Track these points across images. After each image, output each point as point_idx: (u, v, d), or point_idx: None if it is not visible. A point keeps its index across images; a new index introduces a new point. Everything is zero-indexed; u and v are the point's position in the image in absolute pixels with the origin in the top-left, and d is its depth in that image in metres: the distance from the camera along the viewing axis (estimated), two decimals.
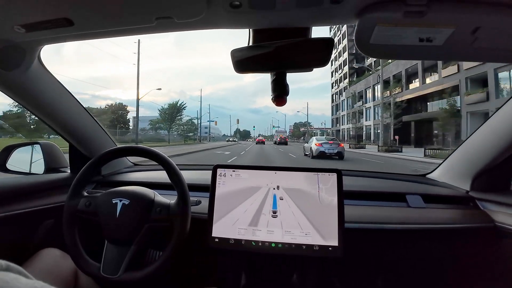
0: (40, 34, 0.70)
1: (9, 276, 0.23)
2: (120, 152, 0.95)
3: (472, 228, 0.97)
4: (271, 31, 0.66)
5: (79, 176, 0.89)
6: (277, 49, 0.66)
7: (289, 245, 0.85)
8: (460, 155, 1.16)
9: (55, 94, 1.02)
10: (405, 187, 1.20)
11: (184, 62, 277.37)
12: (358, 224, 0.97)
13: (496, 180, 1.05)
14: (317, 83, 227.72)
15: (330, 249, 0.83)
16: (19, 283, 0.22)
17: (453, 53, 0.63)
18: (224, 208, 0.90)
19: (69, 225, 0.84)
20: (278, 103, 0.75)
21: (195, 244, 0.92)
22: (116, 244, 0.82)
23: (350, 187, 1.09)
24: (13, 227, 0.91)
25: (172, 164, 0.87)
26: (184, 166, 1.53)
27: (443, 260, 1.09)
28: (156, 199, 0.87)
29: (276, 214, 0.88)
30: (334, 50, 1.40)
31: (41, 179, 1.10)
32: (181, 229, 0.81)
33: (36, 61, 0.88)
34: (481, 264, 1.03)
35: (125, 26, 0.66)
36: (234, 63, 0.71)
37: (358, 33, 0.57)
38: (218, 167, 0.94)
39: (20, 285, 0.22)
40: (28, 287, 0.22)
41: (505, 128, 0.93)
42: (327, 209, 0.86)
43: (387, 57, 0.70)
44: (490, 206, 1.02)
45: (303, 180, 0.90)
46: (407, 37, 0.56)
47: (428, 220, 1.00)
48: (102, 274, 0.79)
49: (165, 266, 0.80)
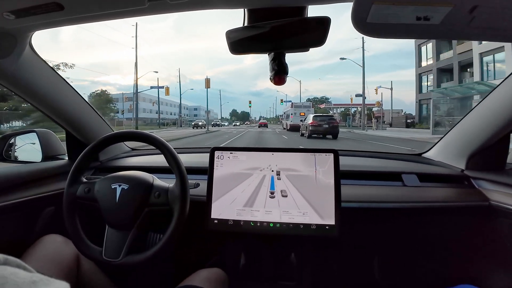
0: (30, 20, 0.68)
1: (7, 271, 0.22)
2: (117, 137, 0.95)
3: (467, 206, 0.99)
4: (267, 11, 0.65)
5: (77, 162, 0.89)
6: (273, 29, 0.65)
7: (287, 225, 0.87)
8: (456, 134, 1.16)
9: (48, 81, 1.00)
10: (401, 166, 1.22)
11: (184, 46, 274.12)
12: (354, 203, 0.99)
13: (491, 159, 1.06)
14: (318, 64, 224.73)
15: (327, 228, 0.85)
16: (17, 277, 0.22)
17: (450, 32, 0.62)
18: (223, 190, 0.91)
19: (69, 211, 0.85)
20: (277, 82, 0.75)
21: (195, 226, 0.94)
22: (117, 228, 0.84)
23: (347, 167, 1.10)
24: (14, 216, 0.92)
25: (170, 148, 0.87)
26: (181, 150, 1.54)
27: (438, 239, 1.11)
28: (155, 183, 0.87)
29: (274, 195, 0.89)
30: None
31: (39, 167, 1.10)
32: (181, 212, 0.82)
33: (28, 48, 0.86)
34: (476, 242, 1.05)
35: (117, 9, 0.65)
36: (229, 44, 0.70)
37: (355, 12, 0.56)
38: (216, 150, 0.95)
39: (18, 279, 0.22)
40: (26, 281, 0.22)
41: (500, 107, 0.93)
42: (324, 189, 0.88)
43: (384, 36, 0.69)
44: (485, 184, 1.02)
45: (300, 161, 0.91)
46: (405, 15, 0.55)
47: (423, 199, 1.01)
48: (104, 258, 0.81)
49: (165, 249, 0.81)
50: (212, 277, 0.88)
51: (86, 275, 0.89)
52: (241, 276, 1.10)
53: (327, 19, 0.64)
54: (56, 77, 1.03)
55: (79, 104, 1.16)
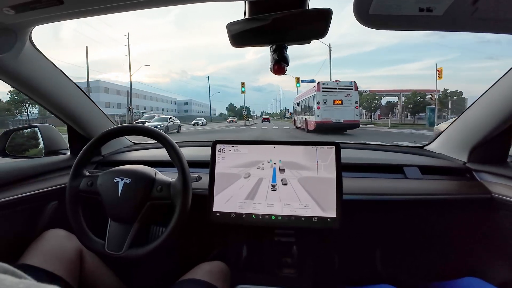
0: (30, 15, 0.68)
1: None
2: (119, 131, 0.95)
3: (469, 199, 0.99)
4: (267, 3, 0.64)
5: (80, 156, 0.89)
6: (274, 21, 0.65)
7: (288, 217, 0.88)
8: (458, 127, 1.16)
9: (49, 76, 1.00)
10: (402, 159, 1.22)
11: (185, 42, 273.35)
12: (356, 195, 0.99)
13: (493, 151, 1.06)
14: (320, 58, 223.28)
15: (328, 220, 0.86)
16: (3, 284, 0.21)
17: (453, 24, 0.61)
18: (224, 183, 0.92)
19: (72, 205, 0.86)
20: (276, 71, 0.75)
21: (197, 219, 0.94)
22: (119, 222, 0.84)
23: (349, 159, 1.10)
24: (17, 211, 0.92)
25: (171, 142, 0.87)
26: (183, 143, 1.54)
27: (440, 231, 1.11)
28: (157, 177, 0.88)
29: (276, 188, 0.90)
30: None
31: (42, 162, 1.10)
32: (183, 205, 0.82)
33: (28, 43, 0.86)
34: (478, 234, 1.06)
35: (116, 3, 0.64)
36: (230, 37, 0.69)
37: (357, 4, 0.56)
38: (217, 143, 0.95)
39: (3, 287, 0.20)
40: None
41: (502, 100, 0.93)
42: (325, 181, 0.88)
43: (387, 28, 0.69)
44: (487, 177, 1.02)
45: (301, 154, 0.91)
46: (407, 6, 0.55)
47: (425, 191, 1.01)
48: (106, 251, 0.82)
49: (167, 242, 0.82)
50: (214, 270, 0.89)
51: (89, 269, 0.90)
52: (243, 269, 1.11)
53: (328, 10, 0.64)
54: (57, 72, 1.03)
55: (80, 99, 1.16)
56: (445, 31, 0.67)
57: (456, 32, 0.63)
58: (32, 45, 0.89)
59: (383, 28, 0.65)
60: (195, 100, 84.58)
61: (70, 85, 1.10)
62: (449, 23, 0.60)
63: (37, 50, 0.91)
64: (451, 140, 1.20)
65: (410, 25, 0.64)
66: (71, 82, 1.10)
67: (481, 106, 1.03)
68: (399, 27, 0.66)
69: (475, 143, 1.06)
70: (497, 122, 0.96)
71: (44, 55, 0.95)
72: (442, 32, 16.28)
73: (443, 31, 0.89)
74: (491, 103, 0.98)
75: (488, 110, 0.99)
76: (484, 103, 1.01)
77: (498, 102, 0.95)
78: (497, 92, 0.96)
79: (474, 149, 1.07)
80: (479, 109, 1.04)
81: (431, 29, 0.65)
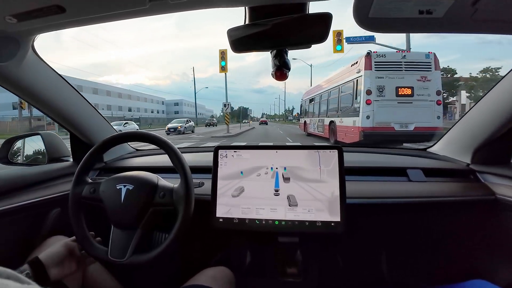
0: (33, 23, 0.69)
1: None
2: (121, 138, 0.95)
3: (473, 200, 0.98)
4: (267, 8, 0.65)
5: (82, 163, 0.89)
6: (274, 27, 0.65)
7: (292, 222, 0.87)
8: (461, 129, 1.15)
9: (52, 84, 1.01)
10: (406, 162, 1.21)
11: (186, 44, 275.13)
12: (359, 199, 0.98)
13: (497, 153, 1.05)
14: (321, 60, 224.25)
15: (332, 225, 0.85)
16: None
17: (453, 25, 0.62)
18: (227, 189, 0.92)
19: (75, 211, 0.86)
20: (278, 77, 0.75)
21: (200, 225, 0.94)
22: (122, 228, 0.84)
23: (352, 163, 1.10)
24: (20, 218, 0.92)
25: (174, 148, 0.87)
26: (185, 149, 1.54)
27: (444, 233, 1.10)
28: (160, 183, 0.88)
29: (279, 192, 0.89)
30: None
31: (45, 169, 1.10)
32: (185, 211, 0.82)
33: (31, 51, 0.87)
34: (482, 236, 1.05)
35: (118, 10, 0.65)
36: (231, 43, 0.70)
37: (356, 7, 0.56)
38: (220, 149, 0.95)
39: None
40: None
41: (505, 101, 0.93)
42: (328, 185, 0.87)
43: (387, 31, 0.69)
44: (491, 178, 1.02)
45: (304, 158, 0.91)
46: (407, 9, 0.55)
47: (429, 194, 1.01)
48: (109, 258, 0.81)
49: (170, 248, 0.81)
50: (218, 275, 0.88)
51: (92, 276, 0.90)
52: (247, 274, 1.11)
53: (328, 15, 0.64)
54: (59, 80, 1.04)
55: (82, 106, 1.17)
56: (446, 33, 0.67)
57: (456, 33, 0.63)
58: (35, 53, 0.90)
59: (383, 31, 0.65)
60: (186, 100, 72.15)
61: (72, 93, 1.11)
62: (449, 25, 0.60)
63: (39, 58, 0.92)
64: (454, 142, 1.20)
65: (410, 28, 0.65)
66: (73, 89, 1.10)
67: (484, 107, 1.02)
68: (399, 30, 0.66)
69: (478, 145, 1.06)
70: (500, 122, 0.96)
71: (46, 63, 0.96)
72: (442, 34, 16.35)
73: (443, 33, 0.89)
74: (493, 104, 0.98)
75: (490, 111, 0.99)
76: (487, 104, 1.01)
77: (500, 103, 0.95)
78: (499, 93, 0.95)
79: (478, 150, 1.07)
80: (482, 110, 1.03)
81: (431, 31, 0.65)
